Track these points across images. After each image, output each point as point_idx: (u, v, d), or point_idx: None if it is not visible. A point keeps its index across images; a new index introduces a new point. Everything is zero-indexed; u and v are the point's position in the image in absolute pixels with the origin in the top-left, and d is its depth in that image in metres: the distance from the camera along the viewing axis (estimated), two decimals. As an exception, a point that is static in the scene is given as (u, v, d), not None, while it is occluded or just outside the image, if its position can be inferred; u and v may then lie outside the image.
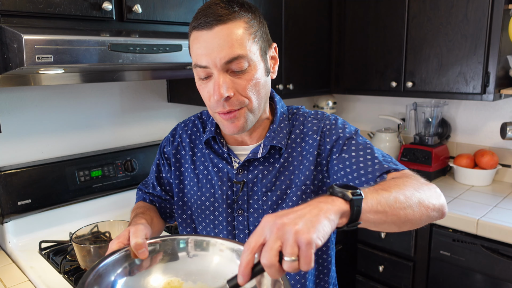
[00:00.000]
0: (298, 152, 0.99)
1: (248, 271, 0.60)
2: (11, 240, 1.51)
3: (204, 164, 1.05)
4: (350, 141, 0.95)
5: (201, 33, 0.86)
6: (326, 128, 0.98)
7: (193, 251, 0.82)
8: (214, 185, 1.02)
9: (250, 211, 0.99)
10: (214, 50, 0.84)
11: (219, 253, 0.81)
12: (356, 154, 0.92)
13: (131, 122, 1.94)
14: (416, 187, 0.79)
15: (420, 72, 2.03)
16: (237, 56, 0.84)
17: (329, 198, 0.66)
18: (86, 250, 1.20)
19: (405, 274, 1.96)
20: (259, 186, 0.99)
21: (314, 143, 0.97)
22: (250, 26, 0.87)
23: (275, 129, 0.99)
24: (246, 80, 0.88)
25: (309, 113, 1.03)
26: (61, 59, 1.14)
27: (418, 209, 0.76)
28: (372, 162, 0.90)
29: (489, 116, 2.21)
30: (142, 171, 1.82)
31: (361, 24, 2.21)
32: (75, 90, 1.73)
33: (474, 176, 2.10)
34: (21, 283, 1.29)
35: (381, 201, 0.71)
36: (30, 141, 1.63)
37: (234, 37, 0.84)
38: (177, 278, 0.78)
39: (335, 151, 0.95)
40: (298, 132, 1.00)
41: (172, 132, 1.12)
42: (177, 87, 2.00)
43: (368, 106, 2.69)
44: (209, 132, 1.02)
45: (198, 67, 0.88)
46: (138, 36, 1.31)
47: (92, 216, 1.70)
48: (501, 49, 1.83)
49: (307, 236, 0.57)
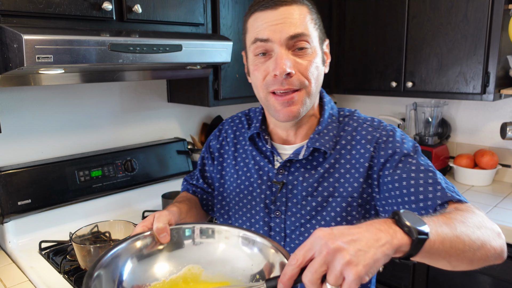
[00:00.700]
0: (346, 159, 0.92)
1: (290, 283, 0.59)
2: (11, 240, 1.51)
3: (245, 161, 1.03)
4: (407, 159, 0.87)
5: (264, 12, 0.86)
6: (382, 139, 0.91)
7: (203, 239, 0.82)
8: (253, 183, 1.00)
9: (287, 214, 0.95)
10: (278, 26, 0.84)
11: (224, 240, 0.81)
12: (416, 175, 0.84)
13: (131, 122, 1.93)
14: (480, 227, 0.73)
15: (420, 72, 2.03)
16: (301, 33, 0.84)
17: (391, 227, 0.60)
18: (86, 250, 1.20)
19: (405, 274, 1.96)
20: (299, 189, 0.94)
21: (366, 153, 0.91)
22: (312, 13, 0.88)
23: (320, 131, 0.94)
24: (308, 60, 0.86)
25: (364, 119, 0.97)
26: (61, 59, 1.14)
27: (478, 253, 0.70)
28: (433, 187, 0.82)
29: (489, 116, 2.21)
30: (142, 171, 1.82)
31: (361, 24, 2.21)
32: (75, 90, 1.73)
33: (474, 176, 2.10)
34: (21, 283, 1.29)
35: (444, 241, 0.65)
36: (30, 141, 1.63)
37: (298, 17, 0.85)
38: (197, 265, 0.80)
39: (389, 166, 0.88)
40: (349, 138, 0.94)
41: (219, 127, 1.13)
42: (177, 87, 2.00)
43: (368, 106, 2.69)
44: (254, 128, 1.00)
45: (258, 41, 0.86)
46: (138, 36, 1.31)
47: (92, 216, 1.70)
48: (501, 49, 1.82)
49: (356, 271, 0.53)
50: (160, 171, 1.89)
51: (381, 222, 0.61)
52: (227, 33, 1.76)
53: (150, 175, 1.85)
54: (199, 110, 2.20)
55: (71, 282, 1.26)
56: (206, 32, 1.68)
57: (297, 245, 0.95)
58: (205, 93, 1.81)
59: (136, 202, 1.86)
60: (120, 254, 0.74)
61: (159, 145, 1.92)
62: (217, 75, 1.78)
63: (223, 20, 1.73)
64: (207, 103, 1.81)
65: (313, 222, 0.94)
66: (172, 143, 1.97)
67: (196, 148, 2.13)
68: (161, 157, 1.90)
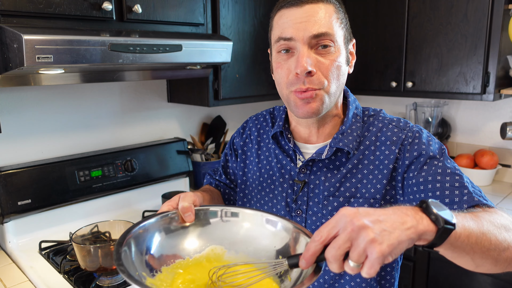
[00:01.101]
0: (370, 160, 0.91)
1: (313, 259, 0.60)
2: (11, 240, 1.51)
3: (268, 159, 1.03)
4: (433, 161, 0.86)
5: (289, 9, 0.86)
6: (408, 141, 0.90)
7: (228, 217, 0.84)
8: (275, 181, 1.00)
9: (309, 213, 0.95)
10: (302, 24, 0.83)
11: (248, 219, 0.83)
12: (442, 178, 0.83)
13: (131, 122, 1.93)
14: (508, 229, 0.71)
15: (420, 72, 2.03)
16: (324, 32, 0.84)
17: (418, 214, 0.60)
18: (86, 250, 1.20)
19: (405, 274, 1.96)
20: (321, 189, 0.94)
21: (391, 154, 0.90)
22: (338, 12, 0.88)
23: (344, 131, 0.93)
24: (330, 60, 0.86)
25: (390, 119, 0.96)
26: (61, 59, 1.14)
27: (504, 254, 0.69)
28: (460, 191, 0.81)
29: (489, 116, 2.21)
30: (142, 171, 1.82)
31: (361, 24, 2.21)
32: (75, 90, 1.73)
33: (474, 176, 2.10)
34: (21, 283, 1.29)
35: (470, 236, 0.64)
36: (30, 141, 1.63)
37: (323, 15, 0.84)
38: (221, 246, 0.81)
39: (414, 168, 0.87)
40: (373, 139, 0.93)
41: (243, 124, 1.13)
42: (177, 87, 2.00)
43: (368, 106, 2.68)
44: (277, 127, 1.00)
45: (281, 39, 0.86)
46: (138, 36, 1.31)
47: (92, 216, 1.70)
48: (501, 49, 1.82)
49: (379, 249, 0.53)
50: (160, 171, 1.89)
51: (408, 208, 0.61)
52: (227, 33, 1.76)
53: (150, 175, 1.85)
54: (199, 110, 2.20)
55: (71, 282, 1.27)
56: (206, 32, 1.68)
57: None
58: (205, 93, 1.81)
59: (136, 202, 1.86)
60: (148, 228, 0.77)
61: (159, 145, 1.92)
62: (217, 75, 1.78)
63: (223, 20, 1.73)
64: (207, 103, 1.81)
65: None
66: (172, 143, 1.97)
67: (196, 148, 2.13)
68: (161, 157, 1.90)
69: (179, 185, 2.02)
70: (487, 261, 0.69)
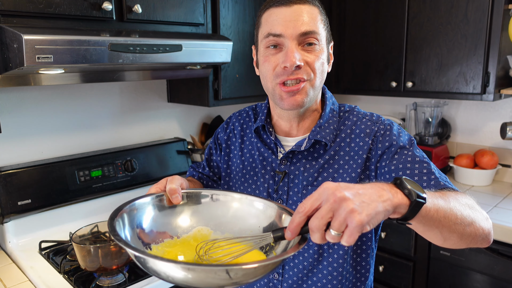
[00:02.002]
0: (345, 151, 0.98)
1: (297, 230, 0.64)
2: (11, 240, 1.51)
3: (251, 152, 1.09)
4: (403, 151, 0.93)
5: (278, 8, 0.91)
6: (380, 133, 0.96)
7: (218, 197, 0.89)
8: (258, 173, 1.06)
9: (289, 202, 1.00)
10: (291, 22, 0.89)
11: (238, 200, 0.87)
12: (412, 166, 0.90)
13: (131, 122, 1.93)
14: (471, 207, 0.79)
15: (420, 72, 2.03)
16: (312, 31, 0.90)
17: (393, 188, 0.66)
18: (86, 250, 1.20)
19: (405, 274, 1.96)
20: (300, 179, 0.99)
21: (364, 146, 0.96)
22: (322, 14, 0.94)
23: (322, 124, 0.99)
24: (315, 56, 0.92)
25: (364, 114, 1.02)
26: (61, 59, 1.14)
27: (468, 228, 0.76)
28: (428, 176, 0.88)
29: (489, 116, 2.21)
30: (142, 171, 1.82)
31: (361, 24, 2.21)
32: (75, 90, 1.73)
33: (474, 176, 2.10)
34: (21, 283, 1.29)
35: (438, 211, 0.71)
36: (30, 141, 1.63)
37: (311, 16, 0.91)
38: (207, 227, 0.85)
39: (386, 157, 0.93)
40: (348, 132, 0.99)
41: (227, 120, 1.18)
42: (177, 87, 2.00)
43: (368, 106, 2.69)
44: (260, 121, 1.05)
45: (271, 35, 0.91)
46: (138, 36, 1.31)
47: (92, 216, 1.70)
48: (501, 49, 1.82)
49: (359, 218, 0.57)
50: (160, 171, 1.89)
51: (384, 183, 0.67)
52: (227, 33, 1.76)
53: (150, 175, 1.85)
54: (199, 110, 2.20)
55: (71, 282, 1.27)
56: (206, 32, 1.68)
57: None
58: (205, 93, 1.81)
59: (136, 202, 1.86)
60: (140, 205, 0.81)
61: (159, 145, 1.92)
62: (217, 75, 1.78)
63: (223, 20, 1.73)
64: (207, 103, 1.81)
65: None
66: (172, 143, 1.97)
67: (196, 148, 2.13)
68: (161, 157, 1.90)
69: (179, 185, 2.02)
70: (453, 235, 0.76)
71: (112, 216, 0.74)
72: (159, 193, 0.85)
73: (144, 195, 0.84)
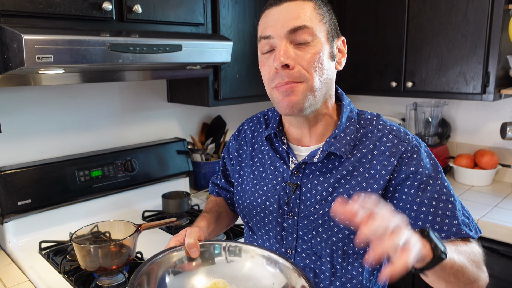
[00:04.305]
0: (366, 168, 0.90)
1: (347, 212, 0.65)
2: (11, 240, 1.51)
3: (261, 161, 1.03)
4: (429, 182, 0.87)
5: (270, 10, 0.88)
6: (407, 155, 0.89)
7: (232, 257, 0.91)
8: (268, 183, 1.00)
9: (300, 216, 0.94)
10: (279, 21, 0.85)
11: (250, 259, 0.89)
12: (437, 204, 0.86)
13: (131, 122, 1.93)
14: (477, 265, 0.81)
15: (420, 72, 2.03)
16: (301, 25, 0.84)
17: (423, 239, 0.68)
18: (86, 250, 1.20)
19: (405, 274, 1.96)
20: (313, 193, 0.93)
21: (388, 166, 0.89)
22: (319, 8, 0.88)
23: (337, 134, 0.92)
24: (310, 54, 0.85)
25: (390, 128, 0.93)
26: (61, 59, 1.14)
27: (469, 286, 0.79)
28: (450, 220, 0.86)
29: (489, 116, 2.21)
30: (142, 171, 1.82)
31: (361, 24, 2.21)
32: (75, 90, 1.73)
33: (474, 176, 2.10)
34: (21, 283, 1.29)
35: (452, 267, 0.73)
36: (30, 141, 1.63)
37: (301, 10, 0.85)
38: (223, 280, 0.87)
39: (409, 184, 0.88)
40: (371, 148, 0.91)
41: (239, 127, 1.14)
42: (177, 87, 2.00)
43: (368, 106, 2.69)
44: (271, 128, 1.00)
45: (262, 39, 0.88)
46: (138, 36, 1.31)
47: (92, 216, 1.70)
48: (501, 49, 1.82)
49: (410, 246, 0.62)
50: (160, 171, 1.89)
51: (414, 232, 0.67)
52: (227, 33, 1.76)
53: (150, 175, 1.85)
54: (199, 110, 2.20)
55: (71, 282, 1.26)
56: (206, 32, 1.68)
57: (309, 247, 0.95)
58: (205, 93, 1.81)
59: (136, 202, 1.86)
60: (158, 264, 0.83)
61: (159, 145, 1.92)
62: (217, 75, 1.78)
63: (223, 20, 1.73)
64: (207, 103, 1.81)
65: (325, 227, 0.93)
66: (172, 143, 1.97)
67: (196, 148, 2.13)
68: (161, 157, 1.90)
69: (179, 185, 2.02)
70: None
71: (131, 283, 0.74)
72: (177, 246, 0.88)
73: (164, 249, 0.86)
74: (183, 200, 1.79)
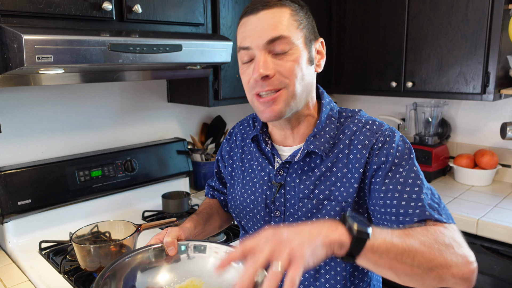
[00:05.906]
0: (344, 164, 0.92)
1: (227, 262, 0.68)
2: (11, 240, 1.51)
3: (250, 162, 1.07)
4: (398, 168, 0.86)
5: (247, 18, 0.88)
6: (378, 145, 0.89)
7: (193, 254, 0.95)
8: (256, 184, 1.03)
9: (286, 214, 0.97)
10: (257, 31, 0.86)
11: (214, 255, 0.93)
12: (402, 188, 0.84)
13: (131, 122, 1.93)
14: (442, 249, 0.71)
15: (420, 72, 2.03)
16: (279, 36, 0.85)
17: (335, 224, 0.66)
18: (86, 250, 1.20)
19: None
20: (296, 191, 0.96)
21: (361, 159, 0.89)
22: (295, 14, 0.88)
23: (316, 133, 0.93)
24: (290, 62, 0.86)
25: (365, 122, 0.94)
26: (61, 59, 1.14)
27: (432, 273, 0.70)
28: (415, 203, 0.82)
29: (489, 116, 2.21)
30: (142, 171, 1.82)
31: (361, 24, 2.21)
32: (75, 90, 1.73)
33: (474, 176, 2.10)
34: (21, 283, 1.29)
35: (389, 250, 0.67)
36: (30, 141, 1.63)
37: (278, 19, 0.85)
38: (199, 278, 0.90)
39: (380, 173, 0.87)
40: (347, 143, 0.92)
41: (231, 130, 1.17)
42: (177, 87, 2.00)
43: (368, 106, 2.69)
44: (255, 130, 1.03)
45: (241, 49, 0.89)
46: (138, 36, 1.31)
47: (92, 216, 1.70)
48: (501, 49, 1.82)
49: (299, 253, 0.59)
50: (160, 171, 1.89)
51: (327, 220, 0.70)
52: (227, 33, 1.76)
53: (150, 175, 1.85)
54: (199, 110, 2.20)
55: (71, 282, 1.26)
56: (206, 32, 1.68)
57: None
58: (205, 93, 1.81)
59: (136, 202, 1.86)
60: (131, 261, 0.89)
61: (159, 145, 1.92)
62: (217, 75, 1.78)
63: (223, 20, 1.73)
64: (207, 103, 1.81)
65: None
66: (172, 143, 1.97)
67: (196, 148, 2.13)
68: (161, 157, 1.90)
69: (179, 185, 2.02)
70: (413, 278, 0.70)
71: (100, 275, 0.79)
72: (157, 244, 0.93)
73: (143, 246, 0.92)
74: (183, 200, 1.79)
